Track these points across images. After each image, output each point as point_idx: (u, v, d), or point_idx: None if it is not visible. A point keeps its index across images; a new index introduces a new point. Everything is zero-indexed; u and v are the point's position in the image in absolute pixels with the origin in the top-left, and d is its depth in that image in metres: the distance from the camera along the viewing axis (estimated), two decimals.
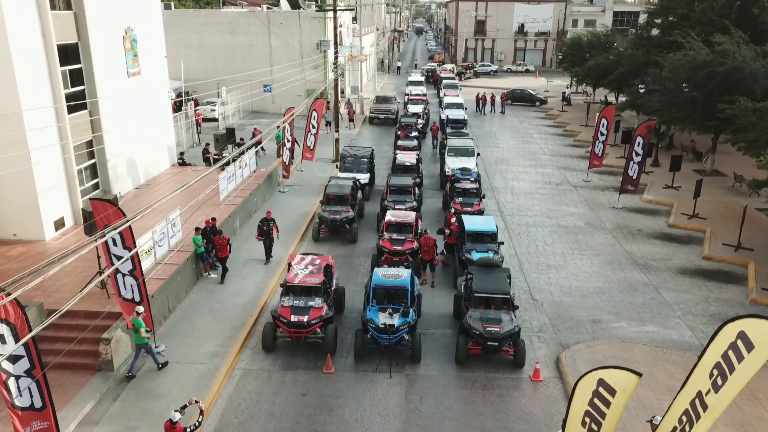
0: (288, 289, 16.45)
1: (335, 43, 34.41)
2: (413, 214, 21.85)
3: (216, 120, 42.51)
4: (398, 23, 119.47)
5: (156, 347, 15.89)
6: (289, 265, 17.25)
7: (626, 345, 16.56)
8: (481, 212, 24.42)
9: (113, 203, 14.94)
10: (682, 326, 17.86)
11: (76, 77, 22.14)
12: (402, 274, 16.73)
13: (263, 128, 40.85)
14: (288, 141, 28.76)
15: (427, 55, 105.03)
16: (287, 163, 29.26)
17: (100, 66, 22.80)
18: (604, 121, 31.44)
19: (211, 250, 20.35)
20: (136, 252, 14.97)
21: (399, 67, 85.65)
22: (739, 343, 8.58)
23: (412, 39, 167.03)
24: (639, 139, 26.98)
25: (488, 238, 20.54)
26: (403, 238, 20.82)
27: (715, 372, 8.87)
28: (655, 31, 48.10)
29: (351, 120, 45.40)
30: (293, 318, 15.72)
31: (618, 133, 38.66)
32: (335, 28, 35.32)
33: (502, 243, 20.77)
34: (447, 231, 21.41)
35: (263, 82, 47.66)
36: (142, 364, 15.28)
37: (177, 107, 38.24)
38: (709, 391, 8.97)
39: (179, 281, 18.34)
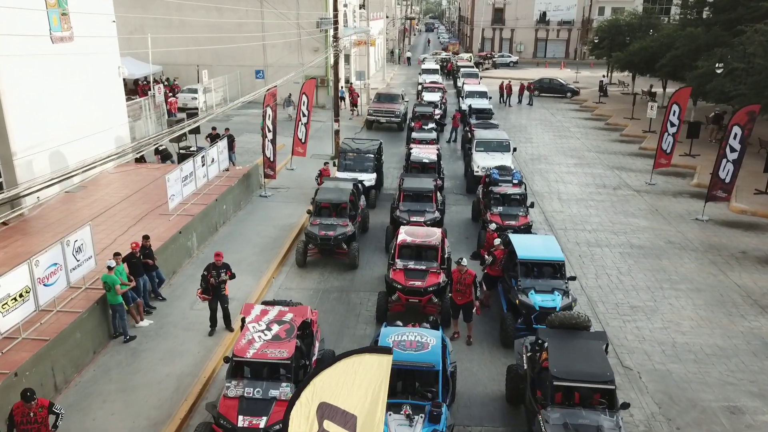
0: (237, 366, 9.88)
1: (335, 12, 27.73)
2: (438, 231, 15.21)
3: (197, 110, 36.07)
4: (409, 12, 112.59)
5: None
6: (243, 322, 10.65)
7: None
8: (528, 226, 17.78)
9: None
10: None
11: None
12: (427, 341, 10.12)
13: (250, 120, 34.50)
14: (269, 131, 22.20)
15: (440, 47, 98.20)
16: (272, 160, 22.71)
17: (3, 23, 16.37)
18: (675, 108, 24.68)
19: (143, 285, 13.85)
20: None
21: (409, 58, 78.96)
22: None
23: (423, 33, 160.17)
24: (736, 130, 20.23)
25: (551, 269, 13.91)
26: (423, 268, 14.21)
27: None
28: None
29: (354, 105, 38.89)
30: (242, 422, 9.13)
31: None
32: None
33: (574, 278, 14.09)
34: (488, 258, 14.74)
35: (255, 67, 41.42)
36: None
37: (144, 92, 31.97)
38: None
39: (77, 340, 11.78)
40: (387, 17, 74.95)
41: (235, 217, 20.40)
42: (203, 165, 19.46)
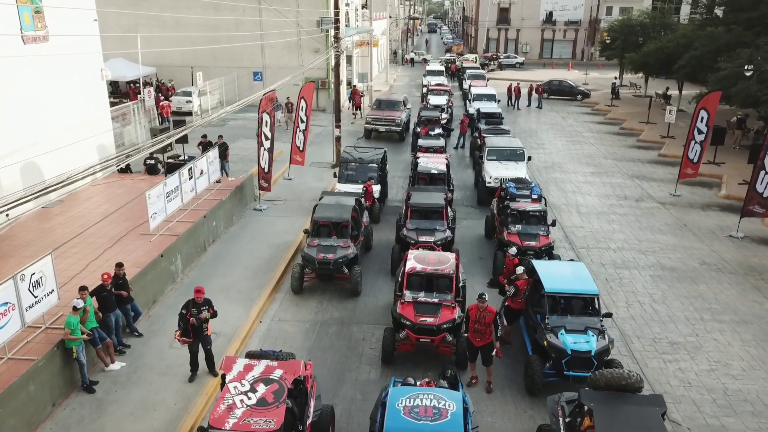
0: None
1: (336, 11, 25.91)
2: (451, 258, 13.40)
3: (191, 114, 34.40)
4: (412, 12, 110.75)
5: None
6: (223, 379, 8.87)
7: None
8: (550, 248, 15.99)
9: None
10: None
11: None
12: (446, 406, 8.32)
13: (248, 125, 32.75)
14: (267, 138, 20.42)
15: (444, 48, 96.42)
16: (267, 171, 20.92)
17: None
18: (703, 114, 22.85)
19: (114, 322, 12.09)
20: None
21: (413, 59, 77.16)
22: None
23: (424, 34, 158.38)
24: None
25: (582, 303, 12.12)
26: (436, 301, 12.41)
27: None
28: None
29: (358, 107, 37.20)
30: None
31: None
32: None
33: (609, 315, 12.27)
34: (510, 289, 12.96)
35: (253, 68, 39.72)
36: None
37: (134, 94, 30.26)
38: None
39: (31, 394, 10.01)
40: (390, 17, 73.22)
41: (226, 234, 18.63)
42: (191, 178, 17.67)
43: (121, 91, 38.35)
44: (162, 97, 33.55)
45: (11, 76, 16.73)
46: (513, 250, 14.24)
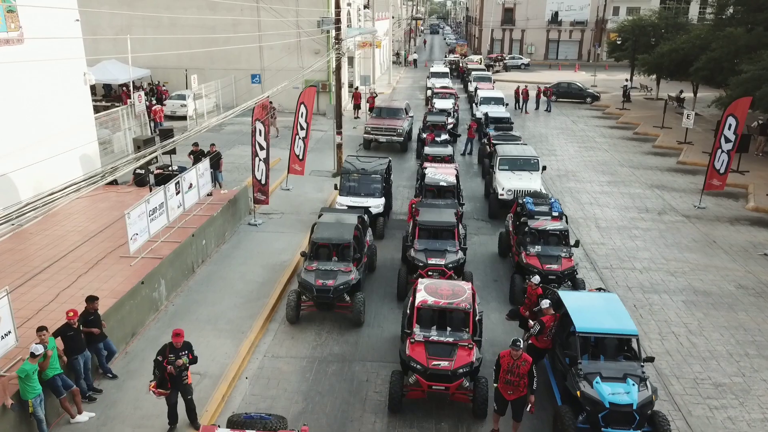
0: None
1: (337, 11, 24.35)
2: (467, 288, 11.82)
3: (185, 118, 32.95)
4: (415, 12, 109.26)
5: None
6: None
7: None
8: (573, 272, 14.45)
9: None
10: None
11: None
12: None
13: (244, 130, 31.27)
14: (261, 148, 18.90)
15: (447, 50, 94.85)
16: (263, 183, 19.39)
17: None
18: (731, 120, 21.29)
19: (83, 365, 10.58)
20: None
21: (416, 60, 75.65)
22: None
23: (428, 36, 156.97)
24: None
25: (618, 344, 10.57)
26: (451, 340, 10.87)
27: None
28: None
29: (371, 110, 35.72)
30: None
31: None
32: None
33: (652, 359, 10.69)
34: (535, 326, 11.40)
35: (250, 71, 38.25)
36: None
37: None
38: None
39: None
40: (393, 17, 71.73)
41: (217, 253, 17.10)
42: (178, 192, 16.13)
43: (114, 94, 36.90)
44: (155, 101, 32.05)
45: None
46: (536, 279, 12.64)
